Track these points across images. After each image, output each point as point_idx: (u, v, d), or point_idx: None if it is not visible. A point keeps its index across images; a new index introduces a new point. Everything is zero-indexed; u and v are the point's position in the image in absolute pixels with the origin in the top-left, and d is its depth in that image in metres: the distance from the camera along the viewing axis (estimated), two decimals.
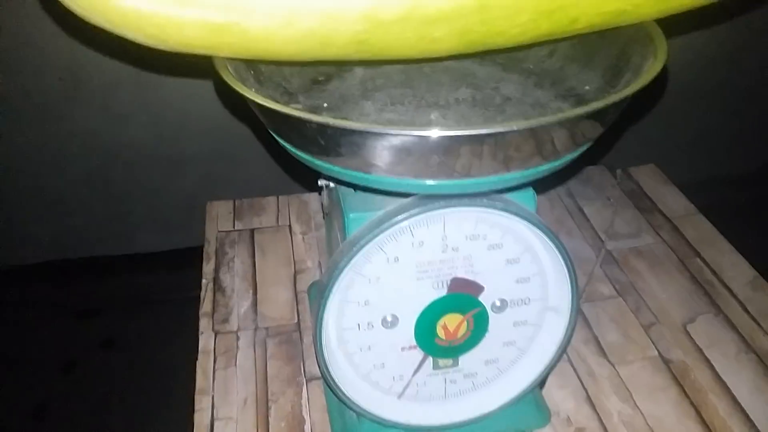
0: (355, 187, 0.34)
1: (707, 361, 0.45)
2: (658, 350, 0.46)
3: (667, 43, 0.31)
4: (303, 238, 0.56)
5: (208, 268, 0.53)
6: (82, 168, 0.84)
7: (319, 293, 0.35)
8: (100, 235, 0.96)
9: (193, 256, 1.11)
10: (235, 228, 0.57)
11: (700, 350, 0.46)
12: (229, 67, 0.30)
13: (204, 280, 0.52)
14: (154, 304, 1.02)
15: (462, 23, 0.29)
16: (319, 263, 0.53)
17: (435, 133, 0.25)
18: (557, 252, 0.36)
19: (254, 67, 0.34)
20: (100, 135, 0.80)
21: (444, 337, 0.37)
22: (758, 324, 0.48)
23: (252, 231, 0.57)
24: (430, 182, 0.29)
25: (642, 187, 0.62)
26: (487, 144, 0.26)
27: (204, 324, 0.48)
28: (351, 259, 0.34)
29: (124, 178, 0.89)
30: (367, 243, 0.33)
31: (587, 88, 0.36)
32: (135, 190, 0.91)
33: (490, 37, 0.30)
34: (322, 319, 0.35)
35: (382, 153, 0.27)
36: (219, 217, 0.58)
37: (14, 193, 0.85)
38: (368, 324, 0.36)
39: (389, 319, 0.36)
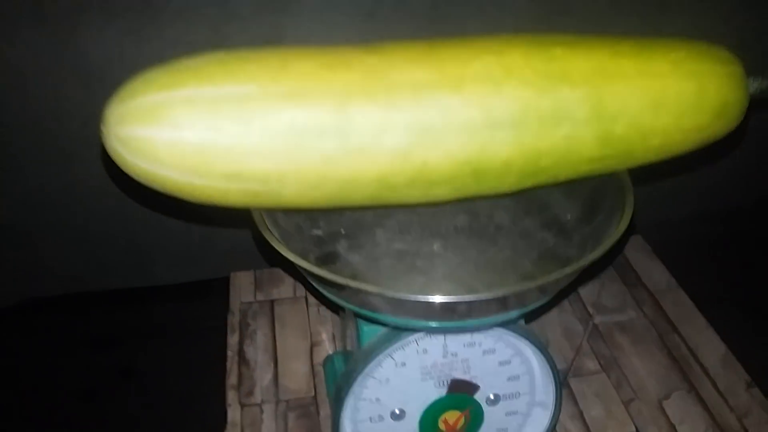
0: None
1: None
2: (635, 426, 0.52)
3: (633, 198, 0.37)
4: (318, 310, 0.62)
5: (233, 340, 0.59)
6: (102, 205, 0.89)
7: (336, 392, 0.41)
8: (118, 268, 1.01)
9: (207, 289, 1.16)
10: (256, 299, 0.63)
11: (673, 426, 0.52)
12: (264, 216, 0.36)
13: (230, 353, 0.58)
14: (170, 334, 1.06)
15: (459, 184, 0.35)
16: (333, 336, 0.59)
17: (437, 299, 0.31)
18: (542, 356, 0.42)
19: None
20: (120, 177, 0.85)
21: (445, 429, 0.42)
22: (725, 401, 0.53)
23: (272, 302, 0.62)
24: (432, 324, 0.35)
25: (628, 260, 0.68)
26: (477, 304, 0.32)
27: (231, 396, 0.54)
28: (366, 366, 0.39)
29: (142, 215, 0.94)
30: (379, 353, 0.39)
31: (569, 217, 0.41)
32: (152, 226, 0.97)
33: (482, 191, 0.36)
34: (340, 415, 0.41)
35: (394, 306, 0.33)
36: (242, 287, 0.64)
37: (37, 228, 0.90)
38: (379, 416, 0.42)
39: (397, 412, 0.42)
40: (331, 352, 0.57)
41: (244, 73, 0.32)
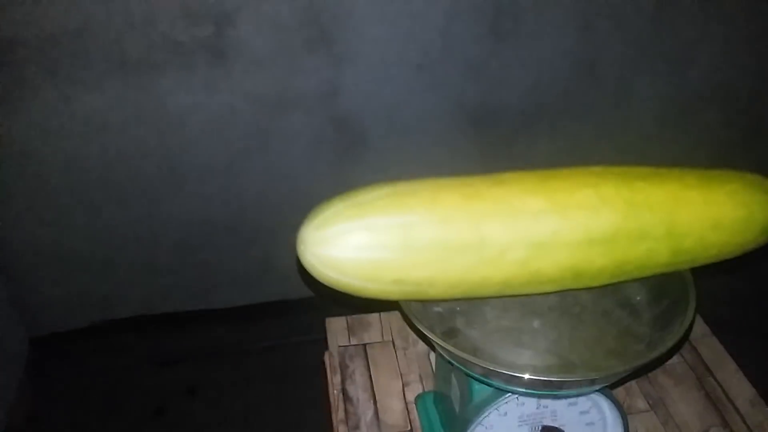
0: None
1: None
2: None
3: (695, 292, 0.47)
4: (404, 353, 0.72)
5: (336, 379, 0.69)
6: (168, 238, 0.98)
7: None
8: (183, 293, 1.11)
9: (263, 312, 1.25)
10: (351, 343, 0.73)
11: None
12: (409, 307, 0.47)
13: (335, 391, 0.68)
14: (228, 354, 1.16)
15: (563, 283, 0.46)
16: (420, 376, 0.69)
17: (527, 376, 0.41)
18: (614, 406, 0.52)
19: None
20: (188, 212, 0.94)
21: None
22: None
23: (364, 346, 0.73)
24: (534, 391, 0.45)
25: None
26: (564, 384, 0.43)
27: (342, 430, 0.64)
28: (478, 417, 0.50)
29: (206, 245, 1.04)
30: (488, 407, 0.50)
31: (638, 298, 0.52)
32: (214, 255, 1.07)
33: (581, 286, 0.47)
34: None
35: (500, 377, 0.44)
36: (337, 332, 0.74)
37: (111, 257, 1.00)
38: None
39: None
40: (421, 391, 0.68)
41: (405, 205, 0.43)
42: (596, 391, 0.50)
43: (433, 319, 0.51)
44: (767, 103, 1.00)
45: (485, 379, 0.47)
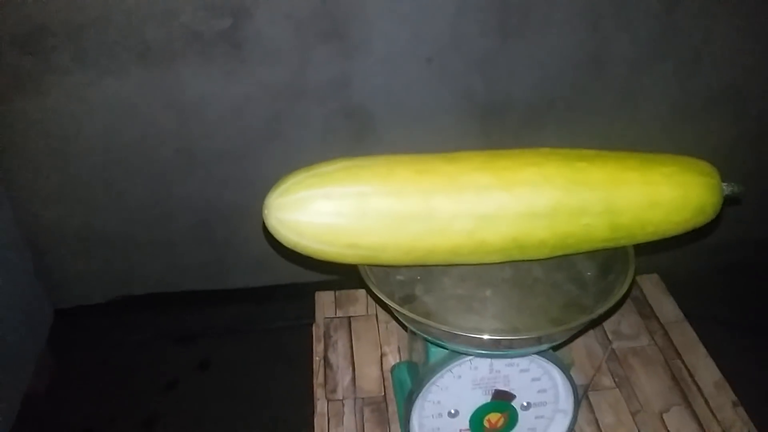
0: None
1: None
2: None
3: (634, 267, 0.51)
4: (386, 326, 0.76)
5: (319, 347, 0.74)
6: (187, 219, 1.02)
7: (408, 395, 0.56)
8: (200, 272, 1.15)
9: (277, 293, 1.29)
10: (337, 315, 0.78)
11: None
12: (367, 272, 0.51)
13: (317, 357, 0.73)
14: (243, 332, 1.20)
15: (508, 253, 0.49)
16: (398, 348, 0.74)
17: (486, 336, 0.45)
18: (565, 375, 0.56)
19: None
20: (205, 195, 0.99)
21: (489, 427, 0.57)
22: (714, 416, 0.66)
23: (349, 318, 0.77)
24: (482, 351, 0.49)
25: (645, 295, 0.81)
26: (516, 341, 0.47)
27: (319, 393, 0.69)
28: (432, 377, 0.54)
29: (222, 228, 1.08)
30: (442, 368, 0.54)
31: (589, 273, 0.55)
32: (231, 237, 1.11)
33: (525, 257, 0.51)
34: (411, 412, 0.55)
35: (455, 338, 0.47)
36: (324, 305, 0.79)
37: (130, 236, 1.04)
38: (439, 414, 0.57)
39: (453, 412, 0.56)
40: (397, 361, 0.72)
41: (362, 177, 0.47)
42: (545, 358, 0.54)
43: (394, 286, 0.55)
44: None
45: (437, 341, 0.51)
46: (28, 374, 0.93)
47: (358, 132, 0.95)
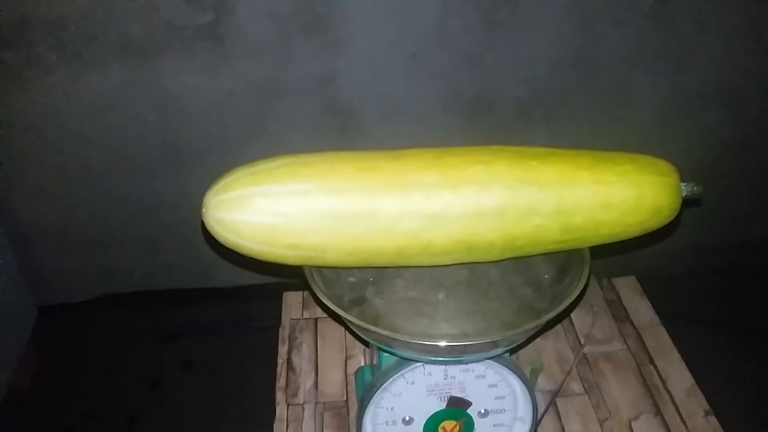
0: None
1: None
2: None
3: (589, 269, 0.49)
4: None
5: (283, 349, 0.72)
6: (172, 217, 1.01)
7: (360, 401, 0.54)
8: (184, 270, 1.14)
9: (262, 293, 1.28)
10: (303, 316, 0.76)
11: None
12: (313, 273, 0.50)
13: (280, 360, 0.71)
14: (227, 332, 1.19)
15: (456, 256, 0.48)
16: (363, 351, 0.72)
17: (407, 339, 0.44)
18: (522, 381, 0.54)
19: None
20: (188, 192, 0.97)
21: None
22: (685, 424, 0.64)
23: (316, 320, 0.76)
24: (438, 358, 0.48)
25: (621, 298, 0.79)
26: (461, 346, 0.45)
27: (280, 396, 0.67)
28: (384, 383, 0.52)
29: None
30: (394, 374, 0.52)
31: (546, 276, 0.53)
32: None
33: (474, 259, 0.49)
34: (363, 419, 0.54)
35: (403, 344, 0.46)
36: (291, 306, 0.78)
37: (115, 233, 1.03)
38: (393, 421, 0.55)
39: (407, 419, 0.55)
40: (362, 364, 0.70)
41: (302, 174, 0.46)
42: (501, 364, 0.52)
43: (344, 288, 0.53)
44: None
45: (386, 348, 0.50)
46: (10, 372, 0.92)
47: (343, 128, 0.93)
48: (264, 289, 1.22)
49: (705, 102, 0.97)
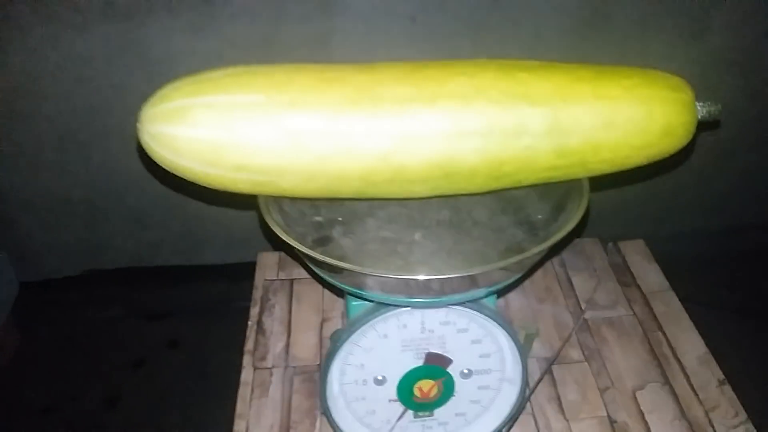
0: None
1: (646, 423, 0.55)
2: (607, 411, 0.57)
3: (588, 198, 0.42)
4: (332, 291, 0.68)
5: (254, 311, 0.66)
6: (161, 190, 0.97)
7: (326, 356, 0.47)
8: (172, 247, 1.09)
9: (250, 271, 1.23)
10: (279, 277, 0.70)
11: (642, 414, 0.56)
12: (269, 206, 0.43)
13: (250, 322, 0.65)
14: (215, 311, 1.14)
15: (433, 183, 0.41)
16: (342, 314, 0.66)
17: (397, 275, 0.37)
18: (511, 338, 0.47)
19: None
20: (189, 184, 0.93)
21: (420, 396, 0.49)
22: (696, 395, 0.58)
23: (292, 281, 0.69)
24: (412, 300, 0.41)
25: (627, 262, 0.72)
26: (448, 282, 0.38)
27: (246, 360, 0.61)
28: (351, 335, 0.46)
29: (196, 201, 1.02)
30: (363, 324, 0.45)
31: (539, 216, 0.47)
32: (204, 211, 1.05)
33: (455, 190, 0.42)
34: (327, 376, 0.47)
35: (377, 283, 0.39)
36: (266, 266, 0.71)
37: (102, 207, 0.99)
38: (363, 381, 0.48)
39: (379, 378, 0.48)
40: (340, 327, 0.64)
41: (254, 84, 0.39)
42: (486, 316, 0.46)
43: (308, 228, 0.47)
44: None
45: (351, 289, 0.43)
46: None
47: None
48: (253, 267, 1.16)
49: (723, 70, 0.90)
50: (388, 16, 0.80)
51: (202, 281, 1.15)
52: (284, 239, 0.40)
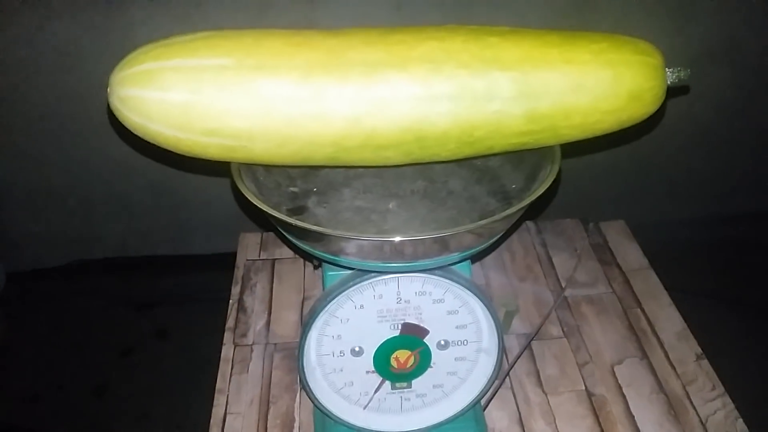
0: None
1: (623, 397, 0.56)
2: (585, 385, 0.57)
3: (559, 164, 0.42)
4: (313, 269, 0.68)
5: (235, 290, 0.66)
6: (148, 179, 0.96)
7: (303, 328, 0.47)
8: (159, 237, 1.09)
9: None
10: (260, 257, 0.70)
11: (620, 387, 0.56)
12: (242, 171, 0.43)
13: (231, 301, 0.65)
14: (203, 300, 1.14)
15: (406, 148, 0.41)
16: None
17: (383, 237, 0.37)
18: (487, 308, 0.47)
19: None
20: (165, 153, 0.93)
21: (397, 366, 0.49)
22: (674, 369, 0.58)
23: (273, 261, 0.70)
24: (387, 264, 0.41)
25: (607, 241, 0.72)
26: (420, 244, 0.38)
27: (227, 337, 0.61)
28: (327, 305, 0.46)
29: (184, 189, 1.02)
30: (339, 294, 0.45)
31: (514, 186, 0.47)
32: (192, 200, 1.05)
33: (428, 156, 0.42)
34: (303, 347, 0.47)
35: (351, 247, 0.39)
36: (248, 246, 0.71)
37: (88, 196, 0.98)
38: (340, 352, 0.48)
39: (356, 349, 0.48)
40: None
41: (222, 47, 0.39)
42: (462, 286, 0.46)
43: (284, 198, 0.47)
44: None
45: (325, 256, 0.43)
46: None
47: None
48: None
49: (709, 60, 0.90)
50: (373, 3, 0.80)
51: (190, 271, 1.15)
52: (256, 204, 0.40)
